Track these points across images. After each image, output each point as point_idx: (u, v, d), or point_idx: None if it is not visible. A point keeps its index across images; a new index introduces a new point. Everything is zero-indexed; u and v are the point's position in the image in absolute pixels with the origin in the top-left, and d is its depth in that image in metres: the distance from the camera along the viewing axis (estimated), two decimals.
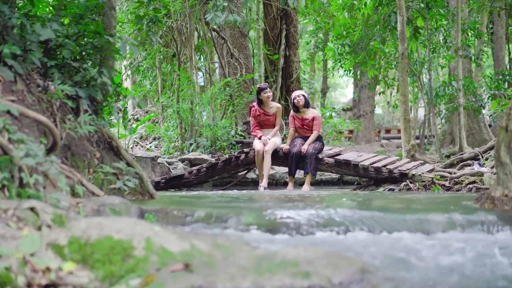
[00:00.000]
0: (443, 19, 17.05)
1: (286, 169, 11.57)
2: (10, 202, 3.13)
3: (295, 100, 10.84)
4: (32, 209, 3.02)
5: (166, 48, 20.02)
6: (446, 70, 24.85)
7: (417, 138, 23.82)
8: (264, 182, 10.49)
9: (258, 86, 11.39)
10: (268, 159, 10.49)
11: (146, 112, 23.01)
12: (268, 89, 10.99)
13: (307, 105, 10.80)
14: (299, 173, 11.19)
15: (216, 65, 22.93)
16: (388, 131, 39.34)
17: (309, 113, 10.83)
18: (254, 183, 10.86)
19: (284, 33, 20.61)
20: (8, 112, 4.33)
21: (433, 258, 3.03)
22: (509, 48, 24.40)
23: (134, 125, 18.18)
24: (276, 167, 12.43)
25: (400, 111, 13.47)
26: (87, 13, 6.79)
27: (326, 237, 3.89)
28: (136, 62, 21.21)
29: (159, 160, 12.88)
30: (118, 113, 7.28)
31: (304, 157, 10.41)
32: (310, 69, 37.20)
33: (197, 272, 2.38)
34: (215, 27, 17.47)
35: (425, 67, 20.12)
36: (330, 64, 32.12)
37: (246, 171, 12.38)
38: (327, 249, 2.80)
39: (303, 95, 10.80)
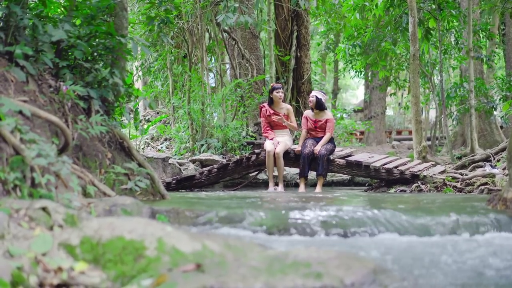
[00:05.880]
0: (454, 20, 17.00)
1: (297, 170, 11.55)
2: (22, 202, 3.13)
3: (308, 100, 10.93)
4: (44, 209, 3.02)
5: (177, 49, 20.06)
6: (457, 71, 24.79)
7: (429, 139, 23.74)
8: (280, 187, 10.50)
9: (272, 84, 11.41)
10: (281, 162, 10.48)
11: (157, 113, 23.07)
12: (281, 89, 11.00)
13: (320, 106, 10.78)
14: (310, 174, 11.16)
15: (227, 66, 22.94)
16: (399, 132, 39.21)
17: (323, 115, 10.82)
18: (266, 184, 10.86)
19: (295, 34, 20.57)
20: (20, 112, 4.35)
21: (446, 259, 3.03)
22: None
23: (145, 126, 18.20)
24: (287, 168, 12.41)
25: (411, 112, 13.43)
26: (99, 14, 6.81)
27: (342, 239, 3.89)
28: (148, 63, 21.29)
29: (170, 161, 12.89)
30: (130, 113, 7.30)
31: (315, 158, 10.39)
32: (321, 70, 37.18)
33: (209, 273, 2.37)
34: (226, 28, 17.49)
35: (437, 68, 20.07)
36: (341, 65, 32.08)
37: (257, 172, 12.38)
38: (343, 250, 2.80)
39: (316, 96, 10.79)
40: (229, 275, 2.31)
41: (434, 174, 9.92)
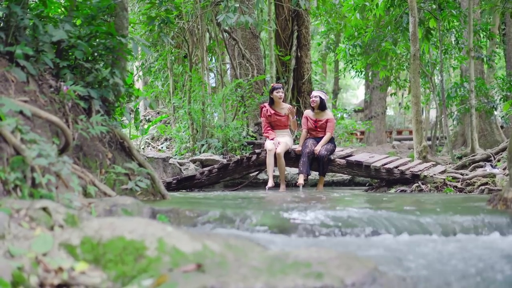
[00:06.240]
0: (455, 20, 17.00)
1: (297, 170, 11.55)
2: (23, 202, 3.13)
3: (311, 100, 10.86)
4: (44, 209, 3.02)
5: (178, 49, 20.07)
6: (458, 71, 24.79)
7: (429, 139, 23.76)
8: (282, 187, 10.49)
9: (272, 84, 11.42)
10: (282, 162, 10.48)
11: (158, 113, 23.07)
12: (282, 89, 11.00)
13: (322, 107, 10.79)
14: (312, 174, 11.17)
15: (228, 66, 22.95)
16: (399, 132, 39.21)
17: (324, 115, 10.82)
18: (266, 184, 10.85)
19: (295, 34, 20.58)
20: (21, 112, 4.35)
21: (448, 259, 3.02)
22: None
23: (145, 126, 18.20)
24: (287, 168, 12.41)
25: (412, 112, 13.44)
26: (99, 14, 6.81)
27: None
28: (148, 63, 21.29)
29: (170, 161, 12.89)
30: (130, 113, 7.30)
31: (316, 158, 10.40)
32: (321, 70, 37.19)
33: (209, 273, 2.37)
34: (226, 28, 17.50)
35: (437, 68, 20.08)
36: (341, 65, 32.10)
37: (257, 172, 12.38)
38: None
39: (320, 97, 10.77)
40: (229, 275, 2.31)
41: (434, 174, 9.92)
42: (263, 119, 11.08)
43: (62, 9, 7.42)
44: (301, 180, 10.46)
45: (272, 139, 10.68)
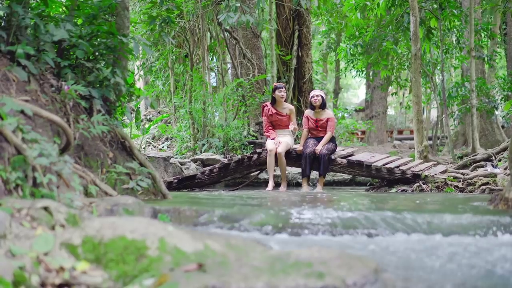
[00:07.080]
0: (456, 20, 16.99)
1: (298, 170, 11.53)
2: (24, 201, 3.14)
3: (312, 99, 10.80)
4: (45, 208, 3.03)
5: (179, 48, 20.05)
6: (459, 71, 24.76)
7: (430, 139, 23.74)
8: (283, 186, 10.48)
9: (274, 84, 11.41)
10: (283, 161, 10.46)
11: (159, 112, 23.07)
12: (284, 89, 10.97)
13: (323, 106, 10.77)
14: (312, 174, 11.15)
15: (229, 65, 22.94)
16: (400, 132, 39.23)
17: (324, 114, 10.78)
18: (267, 184, 10.83)
19: (296, 33, 20.56)
20: (22, 112, 4.35)
21: (448, 259, 3.02)
22: None
23: (146, 126, 18.21)
24: (288, 168, 12.37)
25: (413, 112, 13.43)
26: (100, 14, 6.81)
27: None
28: (149, 62, 21.27)
29: (171, 160, 12.88)
30: (131, 113, 7.29)
31: (317, 158, 10.38)
32: (322, 70, 37.15)
33: (211, 272, 2.37)
34: (227, 27, 17.49)
35: (438, 68, 20.07)
36: (342, 64, 32.09)
37: (258, 172, 12.37)
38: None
39: (322, 96, 10.76)
40: (231, 274, 2.31)
41: (435, 174, 9.91)
42: (264, 118, 11.06)
43: (63, 8, 7.42)
44: (305, 185, 10.46)
45: (273, 139, 10.67)
